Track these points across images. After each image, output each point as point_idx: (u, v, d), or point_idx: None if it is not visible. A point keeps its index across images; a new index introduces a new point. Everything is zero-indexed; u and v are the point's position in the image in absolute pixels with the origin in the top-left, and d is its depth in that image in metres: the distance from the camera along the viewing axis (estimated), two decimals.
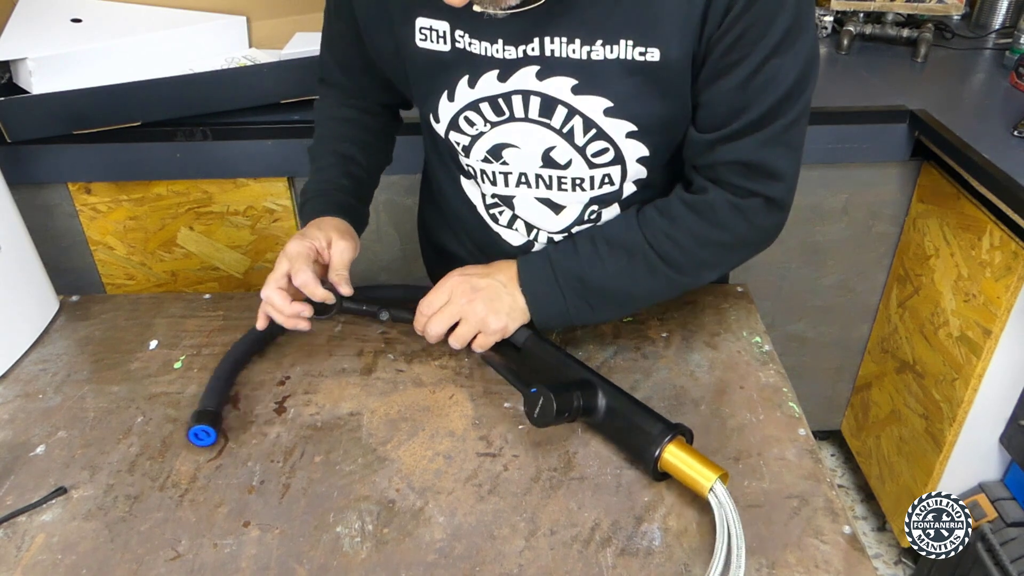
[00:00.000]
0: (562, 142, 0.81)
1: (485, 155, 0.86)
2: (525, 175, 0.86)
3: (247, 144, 1.42)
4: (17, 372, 0.92)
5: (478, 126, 0.83)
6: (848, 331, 1.80)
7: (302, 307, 0.83)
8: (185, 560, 0.69)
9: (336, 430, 0.82)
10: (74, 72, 1.34)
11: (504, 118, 0.81)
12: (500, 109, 0.81)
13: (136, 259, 1.59)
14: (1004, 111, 1.49)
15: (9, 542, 0.71)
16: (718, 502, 0.69)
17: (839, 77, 1.66)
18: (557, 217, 0.89)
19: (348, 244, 0.87)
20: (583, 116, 0.78)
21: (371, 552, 0.69)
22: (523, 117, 0.81)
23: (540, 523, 0.71)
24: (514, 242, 0.94)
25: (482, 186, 0.91)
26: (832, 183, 1.58)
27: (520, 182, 0.87)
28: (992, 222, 1.33)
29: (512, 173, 0.86)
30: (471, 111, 0.82)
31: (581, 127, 0.79)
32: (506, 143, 0.84)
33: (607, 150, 0.81)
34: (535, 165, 0.85)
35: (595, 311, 0.86)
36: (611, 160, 0.82)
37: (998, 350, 1.36)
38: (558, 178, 0.85)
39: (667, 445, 0.73)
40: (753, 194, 0.80)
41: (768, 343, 0.93)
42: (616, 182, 0.85)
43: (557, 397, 0.74)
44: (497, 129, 0.83)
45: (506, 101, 0.80)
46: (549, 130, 0.81)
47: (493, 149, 0.85)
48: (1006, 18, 1.87)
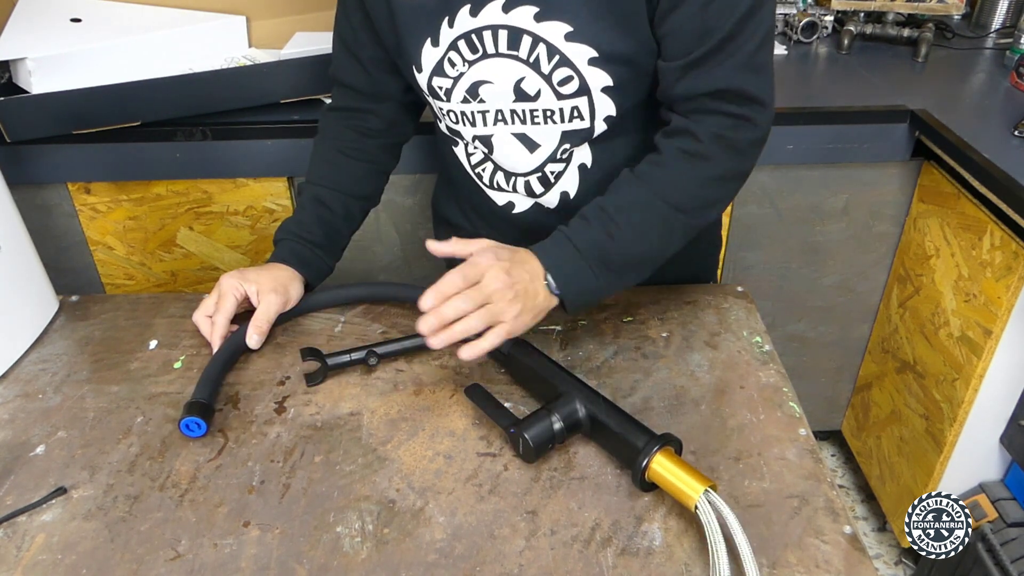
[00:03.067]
0: (530, 72, 0.85)
1: (464, 95, 0.90)
2: (501, 111, 0.90)
3: (247, 144, 1.42)
4: (17, 372, 0.92)
5: (458, 66, 0.88)
6: (848, 331, 1.80)
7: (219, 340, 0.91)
8: (185, 560, 0.69)
9: (336, 430, 0.82)
10: (74, 72, 1.34)
11: (478, 55, 0.86)
12: (475, 46, 0.86)
13: (136, 259, 1.59)
14: (1004, 111, 1.49)
15: (9, 542, 0.71)
16: (706, 514, 0.67)
17: (839, 77, 1.66)
18: (532, 155, 0.93)
19: (276, 299, 0.93)
20: (546, 43, 0.83)
21: (371, 552, 0.69)
22: (494, 52, 0.85)
23: (540, 523, 0.71)
24: (499, 201, 1.01)
25: (464, 131, 0.94)
26: (832, 183, 1.58)
27: (497, 119, 0.91)
28: (992, 222, 1.33)
29: (489, 111, 0.90)
30: (452, 51, 0.87)
31: (545, 54, 0.83)
32: (481, 80, 0.88)
33: (571, 78, 0.84)
34: (508, 100, 0.88)
35: (622, 277, 0.86)
36: (577, 90, 0.85)
37: (998, 350, 1.36)
38: (530, 111, 0.89)
39: (654, 457, 0.71)
40: (735, 119, 0.83)
41: (768, 343, 0.93)
42: (585, 116, 0.88)
43: (533, 437, 0.74)
44: (473, 68, 0.87)
45: (478, 37, 0.85)
46: (517, 61, 0.85)
47: (471, 88, 0.89)
48: (1006, 18, 1.87)
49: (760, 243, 1.64)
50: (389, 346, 0.90)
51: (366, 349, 0.89)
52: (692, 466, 0.70)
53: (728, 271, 1.70)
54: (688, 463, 0.71)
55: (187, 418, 0.79)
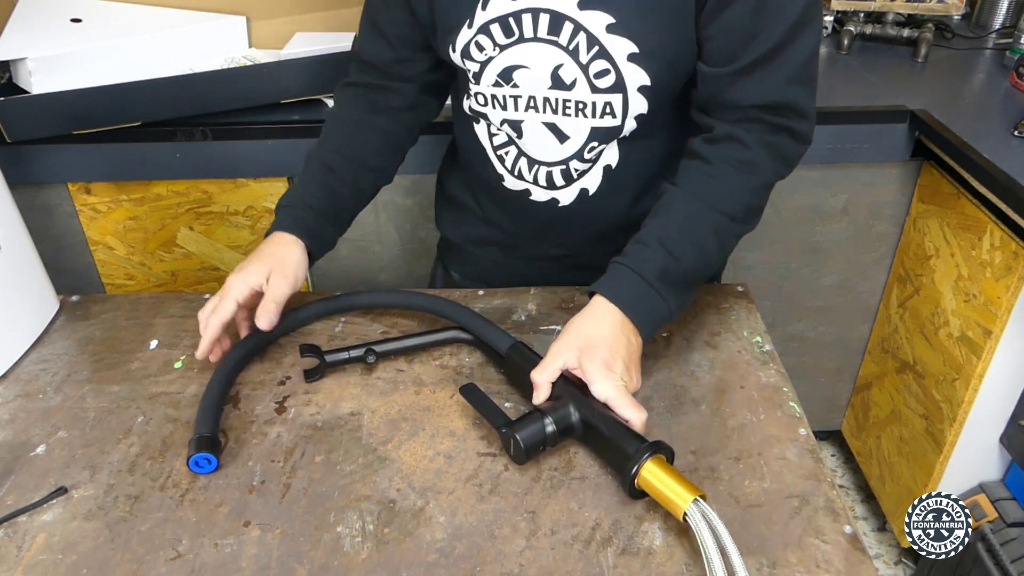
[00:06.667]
0: (568, 60, 0.84)
1: (496, 79, 0.89)
2: (534, 98, 0.89)
3: (247, 144, 1.42)
4: (17, 372, 0.92)
5: (487, 50, 0.87)
6: (848, 331, 1.80)
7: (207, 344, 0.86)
8: (186, 560, 0.69)
9: (336, 430, 0.82)
10: (74, 72, 1.34)
11: (514, 39, 0.85)
12: (511, 29, 0.84)
13: (136, 259, 1.59)
14: (1004, 111, 1.49)
15: (10, 542, 0.71)
16: (696, 523, 0.66)
17: (839, 77, 1.66)
18: (561, 146, 0.91)
19: (285, 282, 0.89)
20: (587, 32, 0.81)
21: (372, 552, 0.69)
22: (532, 36, 0.84)
23: (541, 523, 0.71)
24: (514, 188, 0.99)
25: (492, 113, 0.93)
26: (832, 183, 1.58)
27: (529, 106, 0.90)
28: (992, 222, 1.33)
29: (522, 96, 0.89)
30: (481, 35, 0.86)
31: (585, 43, 0.82)
32: (517, 64, 0.87)
33: (608, 72, 0.84)
34: (544, 86, 0.87)
35: (689, 293, 0.87)
36: (612, 85, 0.84)
37: (998, 350, 1.36)
38: (563, 101, 0.87)
39: (644, 464, 0.70)
40: (782, 131, 0.83)
41: (768, 343, 0.93)
42: (617, 114, 0.87)
43: (525, 439, 0.74)
44: (507, 52, 0.86)
45: (516, 20, 0.83)
46: (557, 48, 0.84)
47: (504, 72, 0.88)
48: (1006, 18, 1.87)
49: (760, 243, 1.64)
50: (388, 344, 0.90)
51: (365, 347, 0.89)
52: (682, 475, 0.69)
53: (728, 271, 1.69)
54: (679, 472, 0.70)
55: (197, 455, 0.76)
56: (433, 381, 0.89)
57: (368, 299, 0.99)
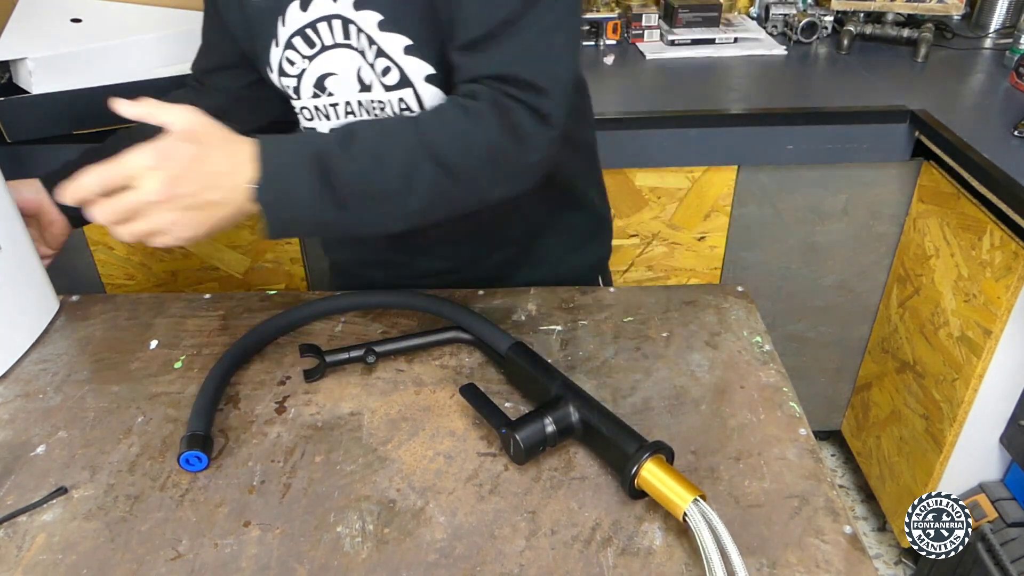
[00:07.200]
0: (363, 61, 0.86)
1: (313, 90, 0.90)
2: (349, 103, 0.90)
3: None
4: (17, 372, 0.92)
5: (298, 63, 0.89)
6: (848, 331, 1.80)
7: None
8: (186, 560, 0.69)
9: (336, 430, 0.82)
10: (74, 72, 1.34)
11: (317, 49, 0.87)
12: (311, 40, 0.86)
13: (136, 259, 1.58)
14: (1004, 111, 1.49)
15: (10, 542, 0.71)
16: (695, 524, 0.66)
17: (839, 77, 1.66)
18: None
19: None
20: (364, 32, 0.83)
21: (372, 552, 0.69)
22: (332, 44, 0.86)
23: (541, 523, 0.71)
24: None
25: (319, 126, 0.94)
26: (832, 183, 1.58)
27: (347, 111, 0.91)
28: (992, 222, 1.33)
29: (339, 104, 0.91)
30: (289, 50, 0.88)
31: (367, 43, 0.83)
32: (327, 72, 0.88)
33: (390, 68, 0.84)
34: (354, 90, 0.89)
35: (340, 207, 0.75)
36: (398, 82, 0.85)
37: (998, 350, 1.36)
38: (370, 102, 0.89)
39: (643, 464, 0.70)
40: (518, 102, 0.77)
41: (768, 343, 0.93)
42: (415, 108, 0.87)
43: (524, 439, 0.74)
44: (315, 62, 0.88)
45: (313, 30, 0.85)
46: (353, 51, 0.85)
47: (317, 82, 0.90)
48: (1006, 18, 1.87)
49: (760, 243, 1.64)
50: (388, 344, 0.90)
51: (365, 347, 0.89)
52: (682, 475, 0.69)
53: (728, 271, 1.70)
54: (679, 472, 0.70)
55: (187, 452, 0.76)
56: (433, 381, 0.89)
57: (368, 299, 0.99)
